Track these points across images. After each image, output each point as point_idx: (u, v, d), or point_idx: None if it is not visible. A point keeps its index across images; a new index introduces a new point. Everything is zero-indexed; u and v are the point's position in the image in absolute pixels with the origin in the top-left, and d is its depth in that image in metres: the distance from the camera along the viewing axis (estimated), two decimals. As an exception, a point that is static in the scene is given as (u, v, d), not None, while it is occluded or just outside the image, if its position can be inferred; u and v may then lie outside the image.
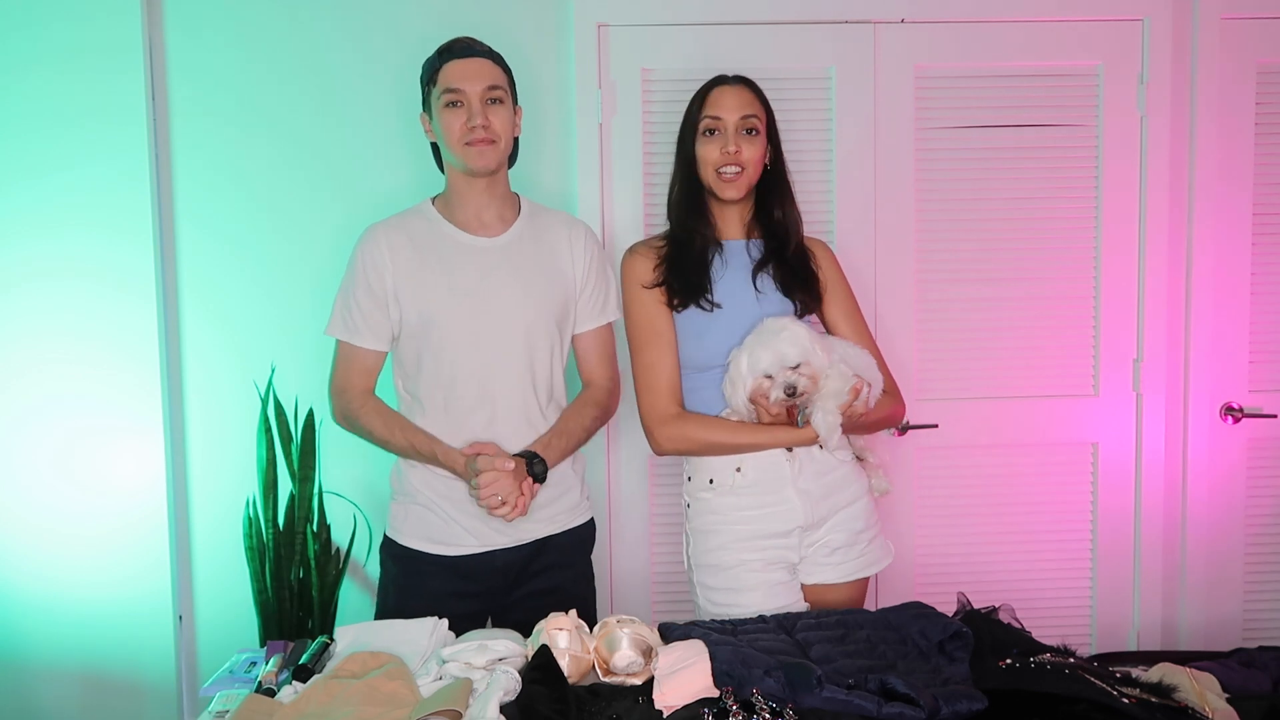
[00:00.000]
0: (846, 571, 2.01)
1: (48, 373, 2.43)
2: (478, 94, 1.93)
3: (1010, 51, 2.53)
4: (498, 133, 1.95)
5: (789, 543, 1.98)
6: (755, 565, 1.96)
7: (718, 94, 2.04)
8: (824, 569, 2.00)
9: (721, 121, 2.01)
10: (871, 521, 2.05)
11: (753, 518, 1.98)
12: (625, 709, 1.50)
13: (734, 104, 2.02)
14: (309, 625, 2.37)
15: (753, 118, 2.03)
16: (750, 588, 1.95)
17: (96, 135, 2.39)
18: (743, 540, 1.97)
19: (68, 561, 2.46)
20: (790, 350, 1.87)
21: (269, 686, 1.64)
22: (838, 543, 2.00)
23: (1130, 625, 2.67)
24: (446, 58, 1.96)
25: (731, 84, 2.06)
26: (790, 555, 1.98)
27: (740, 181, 2.02)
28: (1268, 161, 2.58)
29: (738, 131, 2.01)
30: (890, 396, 2.07)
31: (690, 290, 2.01)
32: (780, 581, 1.97)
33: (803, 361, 1.87)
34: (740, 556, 1.97)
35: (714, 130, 2.02)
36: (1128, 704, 1.43)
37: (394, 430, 1.98)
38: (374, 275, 1.97)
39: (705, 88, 2.07)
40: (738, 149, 2.00)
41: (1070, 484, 2.63)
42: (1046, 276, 2.58)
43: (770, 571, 1.96)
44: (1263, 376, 2.63)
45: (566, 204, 2.49)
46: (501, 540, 2.00)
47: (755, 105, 2.04)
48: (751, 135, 2.02)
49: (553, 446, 1.98)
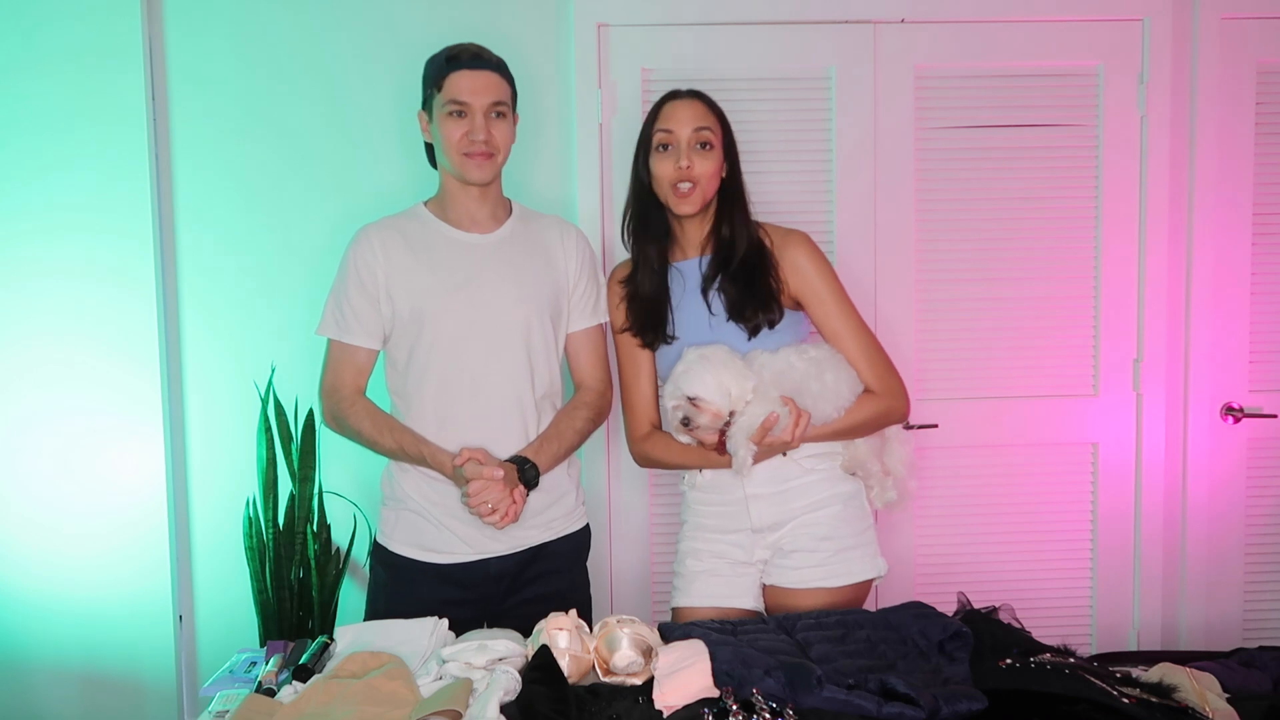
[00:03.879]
0: (804, 578, 1.98)
1: (48, 373, 2.43)
2: (483, 108, 1.93)
3: (1010, 51, 2.53)
4: (498, 146, 1.96)
5: (738, 539, 2.04)
6: (701, 555, 2.07)
7: (670, 108, 2.02)
8: (782, 572, 2.01)
9: (674, 135, 1.99)
10: (846, 531, 2.00)
11: (708, 514, 2.08)
12: (625, 709, 1.50)
13: (687, 117, 2.00)
14: (309, 625, 2.38)
15: (705, 130, 2.00)
16: (691, 573, 2.07)
17: (97, 136, 2.40)
18: (697, 530, 2.09)
19: (68, 561, 2.46)
20: (684, 384, 1.92)
21: (269, 686, 1.64)
22: (793, 546, 2.00)
23: (1130, 625, 2.67)
24: (455, 66, 1.93)
25: (684, 98, 2.03)
26: (737, 552, 2.04)
27: (694, 196, 2.00)
28: (1268, 161, 2.58)
29: (690, 146, 1.99)
30: (879, 396, 2.01)
31: (652, 330, 2.06)
32: (716, 573, 2.04)
33: (697, 395, 1.90)
34: (692, 545, 2.09)
35: (667, 145, 2.00)
36: (1128, 704, 1.43)
37: (383, 431, 1.97)
38: (366, 272, 1.97)
39: (659, 103, 2.05)
40: (689, 164, 1.98)
41: (1070, 484, 2.63)
42: (1046, 276, 2.58)
43: (712, 561, 2.05)
44: (1263, 376, 2.63)
45: (566, 203, 2.49)
46: (495, 547, 1.99)
47: (709, 118, 2.01)
48: (705, 149, 2.00)
49: (545, 451, 1.98)
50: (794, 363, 1.96)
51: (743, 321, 2.00)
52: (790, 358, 1.97)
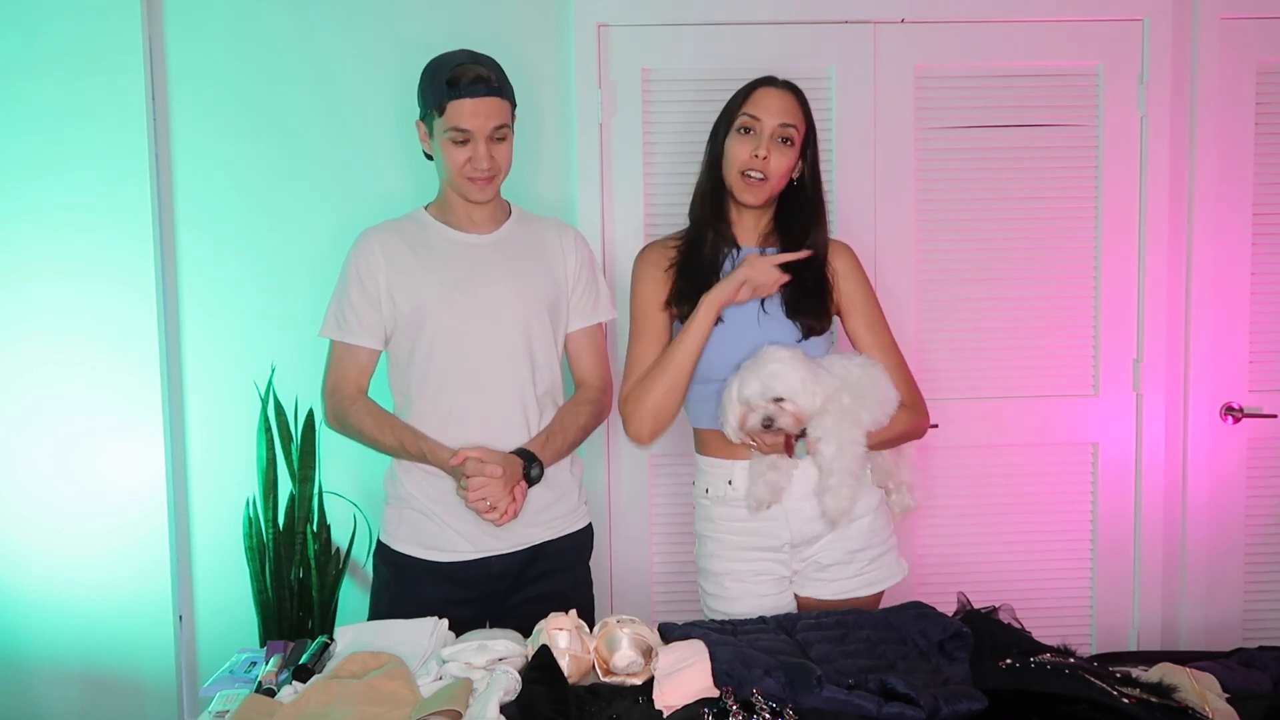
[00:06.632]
0: (840, 589, 1.98)
1: (48, 373, 2.43)
2: (485, 134, 1.92)
3: (1010, 51, 2.53)
4: (499, 168, 1.97)
5: (779, 556, 1.98)
6: (742, 575, 1.98)
7: (762, 94, 1.97)
8: (816, 584, 1.99)
9: (759, 123, 1.95)
10: (876, 540, 2.01)
11: (741, 529, 1.98)
12: (625, 709, 1.50)
13: (775, 108, 1.95)
14: (309, 625, 2.38)
15: (790, 127, 1.95)
16: (735, 597, 1.97)
17: (97, 136, 2.39)
18: (731, 550, 1.99)
19: (68, 561, 2.46)
20: (776, 384, 1.84)
21: (269, 686, 1.64)
22: (828, 560, 1.98)
23: (1130, 625, 2.67)
24: (456, 94, 1.90)
25: (778, 87, 1.99)
26: (779, 569, 1.98)
27: (762, 189, 1.96)
28: (1268, 161, 2.58)
29: (772, 137, 1.94)
30: (909, 410, 2.01)
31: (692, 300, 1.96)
32: (765, 594, 1.97)
33: (787, 398, 1.84)
34: (728, 565, 1.99)
35: (749, 129, 1.95)
36: (1128, 704, 1.43)
37: (383, 429, 1.97)
38: (367, 274, 1.99)
39: (750, 85, 2.00)
40: (767, 155, 1.94)
41: (1070, 484, 2.63)
42: (1046, 276, 2.58)
43: (756, 583, 1.97)
44: (1263, 376, 2.63)
45: (567, 204, 2.49)
46: (497, 546, 1.99)
47: (796, 114, 1.97)
48: (785, 145, 1.96)
49: (549, 445, 1.98)
50: (853, 370, 1.95)
51: (800, 319, 1.97)
52: (849, 366, 1.95)
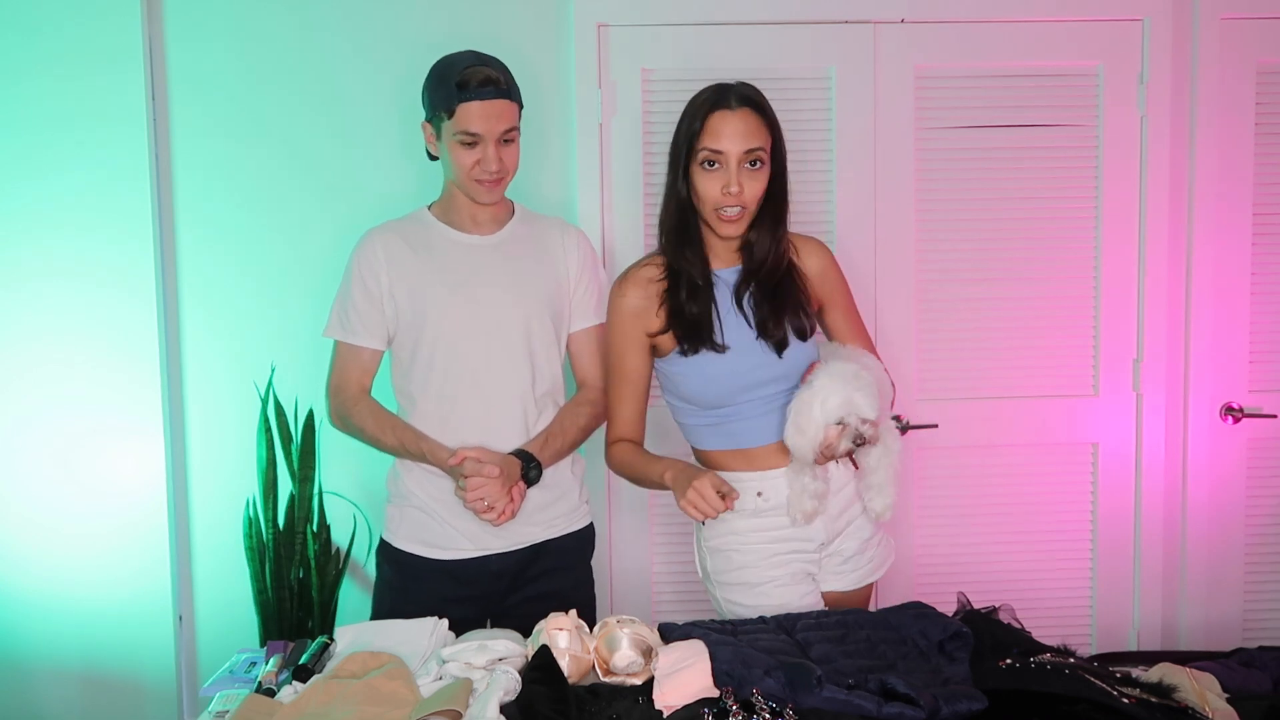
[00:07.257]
0: (857, 579, 2.01)
1: (48, 373, 2.43)
2: (494, 137, 1.92)
3: (1010, 51, 2.53)
4: (508, 170, 1.97)
5: (812, 557, 1.97)
6: (782, 580, 1.93)
7: (719, 121, 1.82)
8: (838, 577, 2.00)
9: (723, 155, 1.81)
10: (876, 526, 2.04)
11: (777, 537, 1.93)
12: (625, 709, 1.50)
13: (736, 133, 1.81)
14: (309, 625, 2.38)
15: (757, 150, 1.82)
16: (779, 604, 1.91)
17: (97, 138, 2.40)
18: (767, 559, 1.93)
19: (68, 561, 2.46)
20: (865, 404, 1.80)
21: (269, 686, 1.64)
22: (850, 551, 1.99)
23: (1130, 625, 2.67)
24: (466, 96, 1.89)
25: (734, 109, 1.82)
26: (811, 567, 1.97)
27: (742, 219, 1.86)
28: (1268, 161, 2.58)
29: (740, 166, 1.81)
30: None
31: (698, 336, 1.89)
32: (807, 593, 1.95)
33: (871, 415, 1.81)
34: (767, 574, 1.92)
35: (714, 163, 1.82)
36: (1128, 704, 1.43)
37: (385, 428, 1.98)
38: (369, 274, 1.99)
39: (705, 107, 1.84)
40: (740, 188, 1.81)
41: (1070, 484, 2.63)
42: (1046, 276, 2.58)
43: (797, 584, 1.94)
44: (1263, 376, 2.63)
45: (566, 204, 2.49)
46: (497, 544, 2.00)
47: (760, 133, 1.83)
48: (756, 168, 1.83)
49: (548, 446, 1.98)
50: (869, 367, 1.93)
51: (767, 338, 1.88)
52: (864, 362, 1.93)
